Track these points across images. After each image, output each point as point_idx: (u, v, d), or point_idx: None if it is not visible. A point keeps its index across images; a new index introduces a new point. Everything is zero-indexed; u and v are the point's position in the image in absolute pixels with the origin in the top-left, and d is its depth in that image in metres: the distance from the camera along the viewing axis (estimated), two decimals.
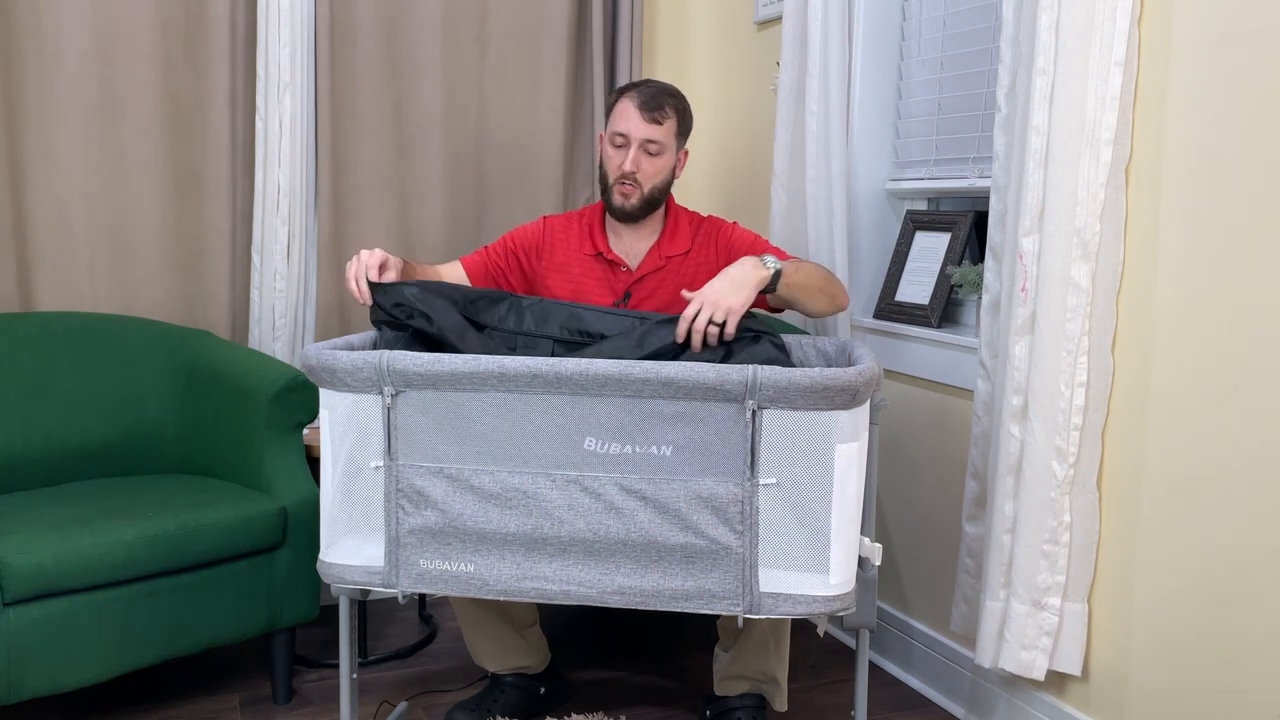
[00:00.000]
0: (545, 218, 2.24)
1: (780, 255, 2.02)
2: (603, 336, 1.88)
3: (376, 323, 1.85)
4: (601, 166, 2.15)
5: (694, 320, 1.75)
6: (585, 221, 2.20)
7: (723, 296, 1.77)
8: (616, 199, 2.09)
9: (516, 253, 2.18)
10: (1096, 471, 1.88)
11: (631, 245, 2.15)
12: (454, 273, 2.16)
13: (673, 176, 2.15)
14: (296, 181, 2.66)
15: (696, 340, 1.75)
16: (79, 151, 2.53)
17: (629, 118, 2.08)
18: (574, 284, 2.14)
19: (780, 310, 2.07)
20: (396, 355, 1.57)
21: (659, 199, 2.12)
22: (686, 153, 2.18)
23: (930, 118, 2.48)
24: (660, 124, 2.08)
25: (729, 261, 1.97)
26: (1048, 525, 1.88)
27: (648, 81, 2.16)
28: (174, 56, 2.60)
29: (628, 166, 2.07)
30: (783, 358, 1.78)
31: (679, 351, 1.76)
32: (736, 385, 1.49)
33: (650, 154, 2.08)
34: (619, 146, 2.09)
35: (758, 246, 2.13)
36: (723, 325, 1.75)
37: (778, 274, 1.86)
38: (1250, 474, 1.65)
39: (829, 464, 1.51)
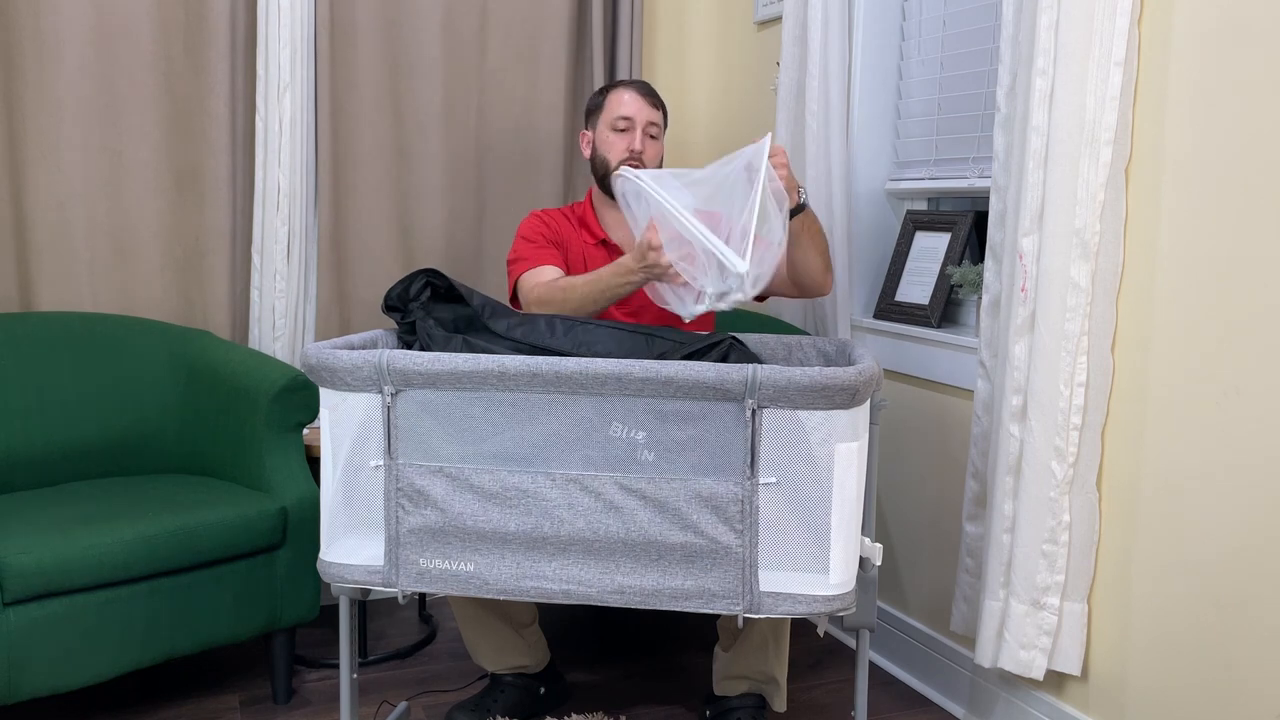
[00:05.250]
0: (543, 211, 2.27)
1: None
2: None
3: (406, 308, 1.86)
4: (597, 156, 2.20)
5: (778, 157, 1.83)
6: (577, 215, 2.26)
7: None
8: None
9: (555, 241, 2.20)
10: (1096, 471, 1.88)
11: (625, 233, 2.16)
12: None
13: (660, 165, 2.22)
14: (296, 181, 2.66)
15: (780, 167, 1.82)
16: (79, 151, 2.53)
17: (631, 103, 2.16)
18: (584, 267, 2.18)
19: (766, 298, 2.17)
20: (396, 354, 1.57)
21: None
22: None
23: (930, 118, 2.48)
24: (659, 109, 2.19)
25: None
26: (1047, 525, 1.88)
27: (631, 79, 2.26)
28: (174, 56, 2.60)
29: (636, 146, 2.14)
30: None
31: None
32: (736, 384, 1.49)
33: (652, 137, 2.18)
34: (622, 130, 2.16)
35: None
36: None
37: (805, 204, 1.97)
38: (1250, 474, 1.65)
39: (829, 463, 1.51)
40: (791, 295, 2.17)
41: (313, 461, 2.31)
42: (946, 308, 2.37)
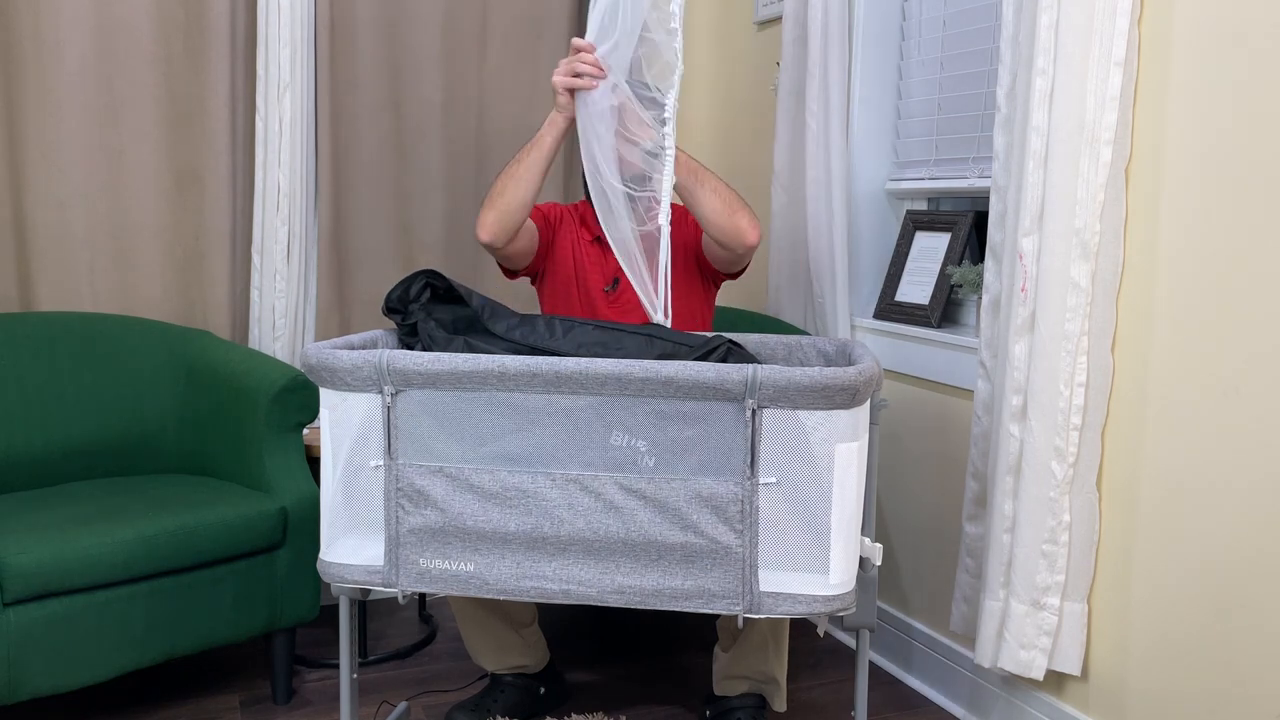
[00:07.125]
0: (548, 204, 2.30)
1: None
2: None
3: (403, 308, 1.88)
4: None
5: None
6: (577, 212, 2.27)
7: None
8: None
9: (547, 215, 2.24)
10: (1096, 471, 1.88)
11: None
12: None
13: None
14: (296, 181, 2.66)
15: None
16: (79, 151, 2.53)
17: None
18: (576, 261, 2.21)
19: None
20: (396, 354, 1.57)
21: None
22: None
23: (930, 118, 2.48)
24: None
25: (700, 234, 2.10)
26: (1047, 525, 1.88)
27: None
28: (174, 56, 2.60)
29: None
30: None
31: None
32: (736, 384, 1.49)
33: None
34: None
35: None
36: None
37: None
38: (1250, 474, 1.65)
39: (829, 463, 1.51)
40: (725, 258, 2.11)
41: (313, 461, 2.31)
42: (946, 308, 2.37)
